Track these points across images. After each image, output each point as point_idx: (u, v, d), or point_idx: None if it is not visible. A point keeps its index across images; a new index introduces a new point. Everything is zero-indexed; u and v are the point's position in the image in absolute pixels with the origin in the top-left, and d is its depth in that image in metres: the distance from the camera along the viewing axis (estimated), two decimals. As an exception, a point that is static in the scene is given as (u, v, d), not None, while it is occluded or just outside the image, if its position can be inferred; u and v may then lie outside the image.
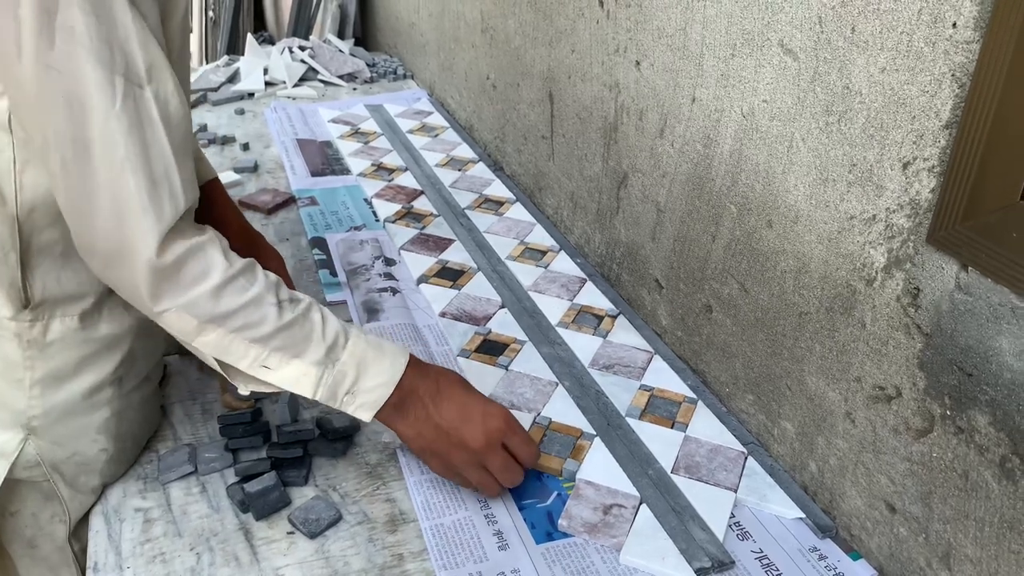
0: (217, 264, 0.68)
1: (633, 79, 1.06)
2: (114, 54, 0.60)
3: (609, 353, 1.05)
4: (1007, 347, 0.60)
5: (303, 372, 0.72)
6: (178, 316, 0.68)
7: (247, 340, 0.70)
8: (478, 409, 0.78)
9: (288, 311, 0.71)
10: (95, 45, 0.59)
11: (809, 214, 0.78)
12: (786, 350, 0.84)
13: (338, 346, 0.74)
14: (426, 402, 0.78)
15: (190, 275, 0.67)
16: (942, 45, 0.61)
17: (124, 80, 0.61)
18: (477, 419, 0.78)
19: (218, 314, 0.68)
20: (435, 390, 0.78)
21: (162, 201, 0.64)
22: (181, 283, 0.67)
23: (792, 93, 0.77)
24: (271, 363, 0.71)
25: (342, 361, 0.73)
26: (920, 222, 0.66)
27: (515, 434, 0.80)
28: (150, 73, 0.62)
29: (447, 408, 0.78)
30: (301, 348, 0.72)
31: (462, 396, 0.79)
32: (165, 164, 0.64)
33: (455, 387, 0.80)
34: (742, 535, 0.80)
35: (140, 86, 0.62)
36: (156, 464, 0.84)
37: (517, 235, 1.34)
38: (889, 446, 0.73)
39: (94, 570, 0.73)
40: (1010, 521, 0.62)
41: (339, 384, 0.74)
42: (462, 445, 0.78)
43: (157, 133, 0.63)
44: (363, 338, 0.76)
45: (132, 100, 0.62)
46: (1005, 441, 0.61)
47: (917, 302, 0.67)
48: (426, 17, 1.98)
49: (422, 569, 0.75)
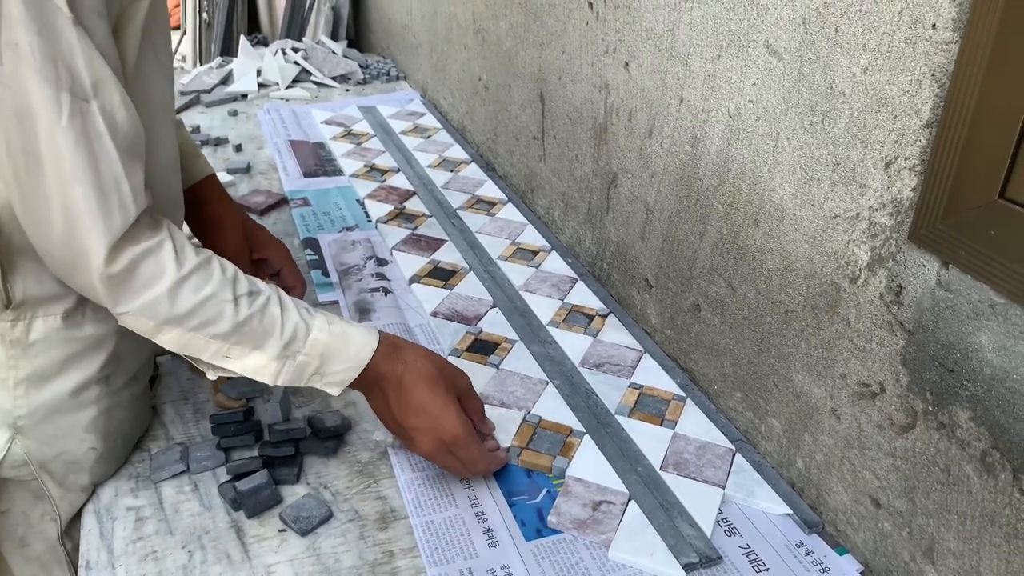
0: (168, 267, 0.69)
1: (622, 80, 1.07)
2: (59, 71, 0.61)
3: (599, 352, 1.06)
4: (987, 343, 0.61)
5: (263, 364, 0.73)
6: (135, 318, 0.69)
7: (206, 336, 0.71)
8: (431, 416, 0.78)
9: (245, 306, 0.72)
10: (39, 63, 0.60)
11: (794, 213, 0.79)
12: (773, 348, 0.85)
13: (298, 339, 0.74)
14: (387, 392, 0.79)
15: (141, 280, 0.68)
16: (922, 46, 0.62)
17: (70, 95, 0.62)
18: (427, 427, 0.78)
19: (173, 315, 0.69)
20: (397, 383, 0.78)
21: (111, 211, 0.65)
22: (134, 287, 0.68)
23: (777, 93, 0.78)
24: (232, 354, 0.73)
25: (303, 353, 0.74)
26: (902, 220, 0.67)
27: (464, 450, 0.80)
28: (96, 87, 0.63)
29: (404, 406, 0.79)
30: (260, 341, 0.73)
31: (422, 397, 0.78)
32: (114, 175, 0.65)
33: (418, 385, 0.79)
34: (730, 531, 0.81)
35: (86, 100, 0.63)
36: (148, 463, 0.84)
37: (509, 235, 1.35)
38: (874, 442, 0.74)
39: (86, 568, 0.74)
40: (991, 515, 0.63)
41: (302, 372, 0.75)
42: (412, 443, 0.80)
43: (104, 146, 0.64)
44: (327, 328, 0.75)
45: (79, 115, 0.63)
46: (985, 436, 0.62)
47: (900, 299, 0.68)
48: (419, 19, 1.99)
49: (412, 566, 0.75)
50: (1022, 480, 0.60)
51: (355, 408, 0.94)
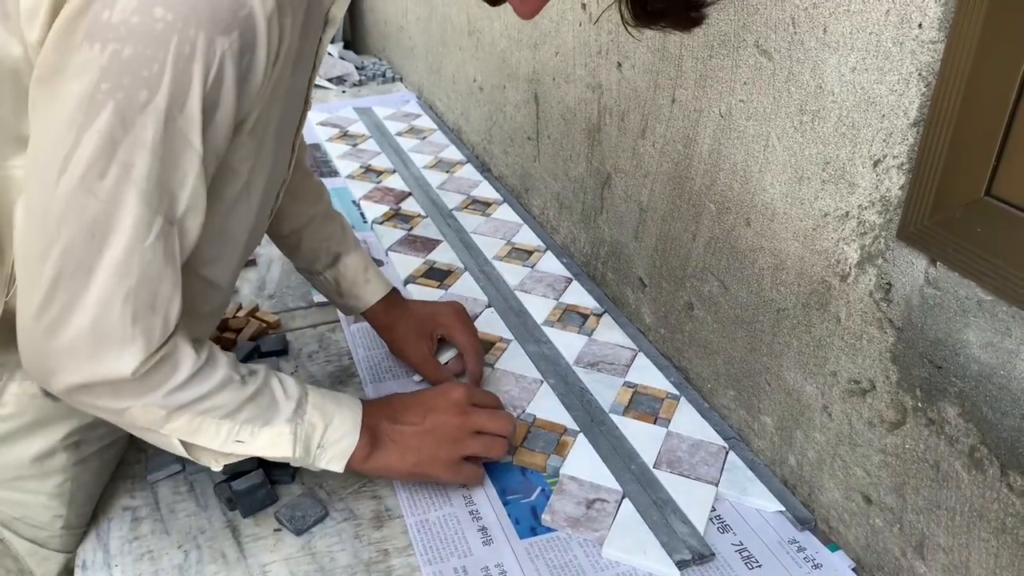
0: (186, 364, 0.66)
1: (615, 80, 1.07)
2: (163, 196, 0.59)
3: (594, 351, 1.06)
4: (974, 339, 0.61)
5: (278, 433, 0.71)
6: (144, 410, 0.66)
7: (217, 418, 0.68)
8: (432, 395, 0.82)
9: (251, 383, 0.70)
10: (150, 187, 0.58)
11: (785, 212, 0.79)
12: (765, 346, 0.86)
13: (303, 401, 0.73)
14: (393, 426, 0.78)
15: (157, 379, 0.65)
16: (909, 45, 0.62)
17: (163, 220, 0.60)
18: (440, 401, 0.81)
19: (188, 401, 0.67)
20: (392, 412, 0.79)
21: (155, 327, 0.63)
22: (145, 386, 0.64)
23: (768, 93, 0.79)
24: (244, 436, 0.70)
25: (308, 413, 0.73)
26: (891, 218, 0.67)
27: (476, 393, 0.85)
28: (185, 214, 0.61)
29: (411, 414, 0.80)
30: (270, 415, 0.71)
31: (414, 397, 0.82)
32: (170, 295, 0.63)
33: (404, 397, 0.82)
34: (723, 528, 0.82)
35: (171, 223, 0.61)
36: (144, 463, 0.85)
37: (504, 236, 1.35)
38: (864, 438, 0.74)
39: (82, 568, 0.74)
40: (979, 510, 0.63)
41: (311, 437, 0.73)
42: (438, 435, 0.80)
43: (174, 267, 0.63)
44: (319, 391, 0.76)
45: (163, 238, 0.61)
46: (974, 432, 0.63)
47: (889, 297, 0.69)
48: (414, 21, 1.99)
49: (407, 564, 0.76)
50: (1010, 475, 0.60)
51: (350, 408, 0.94)
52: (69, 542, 0.78)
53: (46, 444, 0.75)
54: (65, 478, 0.76)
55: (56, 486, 0.76)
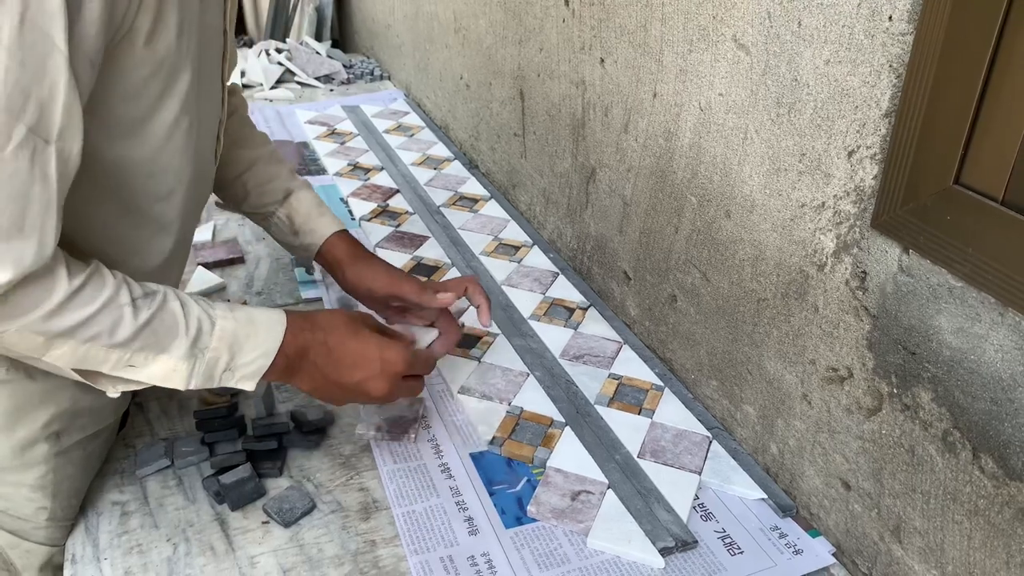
0: (60, 282, 0.62)
1: (598, 76, 1.08)
2: (27, 104, 0.55)
3: (580, 344, 1.07)
4: (945, 325, 0.63)
5: (172, 368, 0.68)
6: (19, 336, 0.61)
7: (105, 347, 0.64)
8: (375, 359, 0.77)
9: (144, 308, 0.66)
10: (8, 90, 0.54)
11: (764, 203, 0.81)
12: (746, 336, 0.87)
13: (203, 333, 0.69)
14: (319, 363, 0.75)
15: (28, 300, 0.61)
16: (880, 37, 0.64)
17: (27, 130, 0.56)
18: (376, 370, 0.77)
19: (65, 327, 0.62)
20: (326, 351, 0.76)
21: (25, 250, 0.59)
22: (18, 308, 0.60)
23: (745, 86, 0.80)
24: (136, 362, 0.66)
25: (212, 348, 0.69)
26: (865, 208, 0.68)
27: (416, 364, 0.81)
28: (62, 132, 0.58)
29: (343, 367, 0.76)
30: (165, 343, 0.67)
31: (356, 347, 0.77)
32: (44, 218, 0.59)
33: (346, 339, 0.77)
34: (705, 516, 0.83)
35: (46, 141, 0.58)
36: (133, 458, 0.86)
37: (491, 231, 1.36)
38: (843, 425, 0.76)
39: (72, 562, 0.75)
40: (953, 493, 0.65)
41: (213, 368, 0.69)
42: (368, 395, 0.78)
43: (48, 188, 0.59)
44: (231, 316, 0.70)
45: (29, 150, 0.57)
46: (946, 416, 0.64)
47: (864, 285, 0.70)
48: (401, 19, 2.00)
49: (394, 554, 0.77)
50: (981, 458, 0.61)
51: (338, 402, 0.95)
52: (55, 535, 0.78)
53: (26, 434, 0.74)
54: (47, 469, 0.76)
55: (38, 478, 0.76)
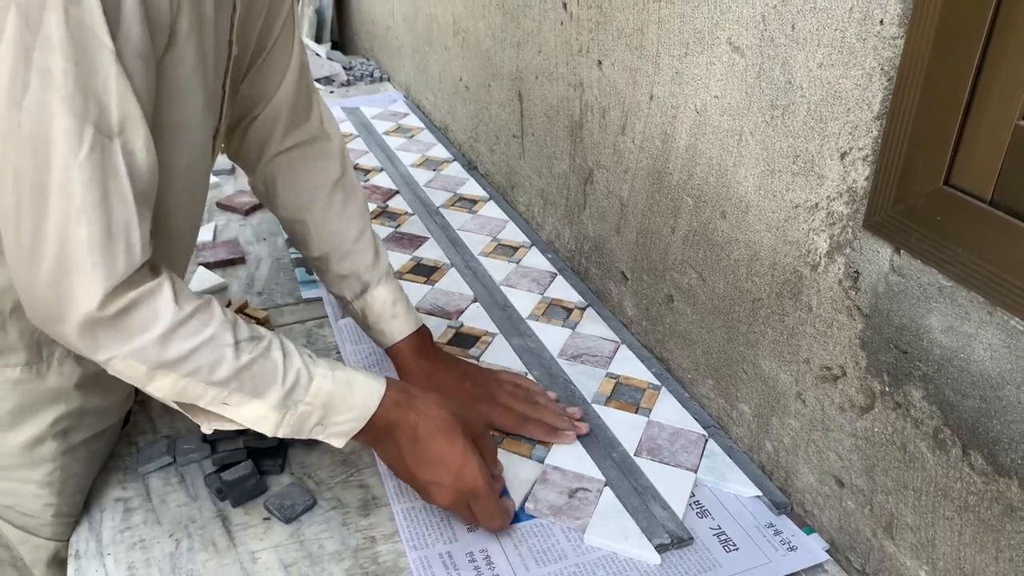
0: (166, 309, 0.64)
1: (596, 78, 1.09)
2: (88, 103, 0.57)
3: (577, 344, 1.08)
4: (936, 324, 0.64)
5: (262, 414, 0.69)
6: (126, 363, 0.64)
7: (203, 383, 0.66)
8: (453, 469, 0.74)
9: (246, 352, 0.67)
10: (70, 92, 0.56)
11: (758, 204, 0.82)
12: (741, 335, 0.88)
13: (300, 386, 0.70)
14: (401, 443, 0.75)
15: (137, 323, 0.63)
16: (871, 41, 0.65)
17: (94, 129, 0.58)
18: (449, 480, 0.74)
19: (168, 359, 0.64)
20: (412, 438, 0.75)
21: (116, 255, 0.61)
22: (125, 332, 0.62)
23: (740, 89, 0.81)
24: (231, 401, 0.68)
25: (305, 403, 0.70)
26: (857, 208, 0.70)
27: (483, 503, 0.76)
28: (122, 126, 0.59)
29: (420, 458, 0.75)
30: (261, 390, 0.68)
31: (440, 448, 0.75)
32: (126, 218, 0.61)
33: (434, 435, 0.75)
34: (701, 513, 0.84)
35: (109, 137, 0.59)
36: (136, 456, 0.87)
37: (490, 232, 1.37)
38: (836, 423, 0.77)
39: (75, 557, 0.76)
40: (944, 489, 0.66)
41: (304, 422, 0.71)
42: (428, 498, 0.76)
43: (121, 186, 0.60)
44: (331, 375, 0.71)
45: (99, 151, 0.58)
46: (937, 413, 0.65)
47: (857, 285, 0.71)
48: (400, 20, 2.01)
49: (393, 550, 0.78)
50: (971, 455, 0.62)
51: (338, 401, 0.96)
52: (60, 530, 0.80)
53: (34, 432, 0.75)
54: (55, 467, 0.77)
55: (46, 475, 0.77)
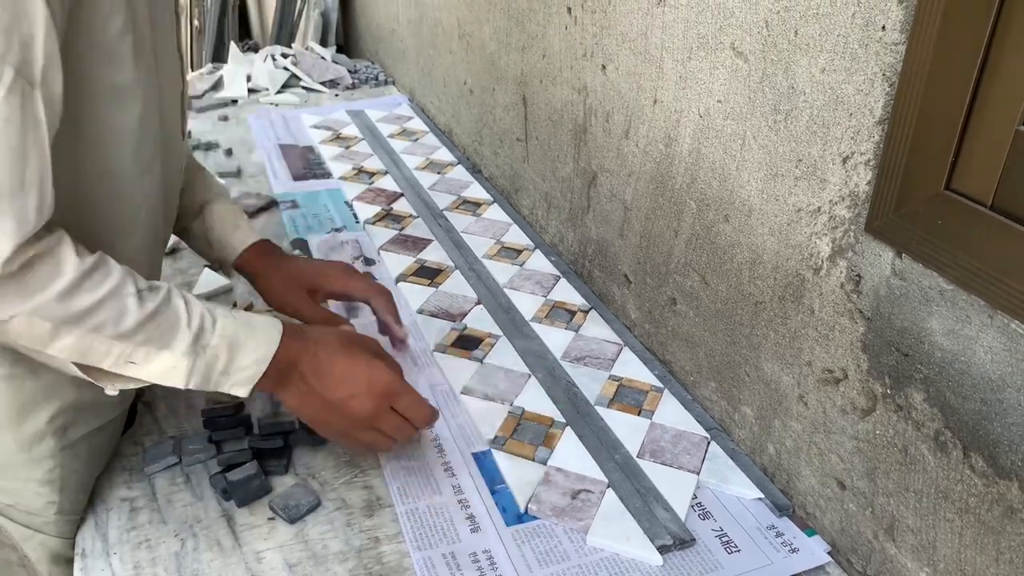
0: (69, 262, 0.62)
1: (600, 82, 1.10)
2: (11, 43, 0.55)
3: (580, 346, 1.09)
4: (937, 327, 0.64)
5: (172, 364, 0.68)
6: (28, 322, 0.61)
7: (109, 337, 0.64)
8: (363, 377, 0.77)
9: (149, 301, 0.67)
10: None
11: (761, 208, 0.82)
12: (744, 338, 0.88)
13: (206, 330, 0.69)
14: (307, 376, 0.76)
15: (39, 278, 0.61)
16: (873, 47, 0.65)
17: (15, 72, 0.56)
18: (363, 388, 0.77)
19: (73, 314, 0.62)
20: (315, 364, 0.76)
21: (27, 206, 0.59)
22: (29, 287, 0.60)
23: (743, 93, 0.82)
24: (137, 358, 0.66)
25: (212, 345, 0.69)
26: (859, 213, 0.70)
27: (404, 396, 0.80)
28: (44, 75, 0.58)
29: (330, 380, 0.77)
30: (168, 338, 0.67)
31: (344, 364, 0.77)
32: (41, 170, 0.59)
33: (336, 355, 0.77)
34: (703, 515, 0.84)
35: (32, 85, 0.57)
36: (141, 456, 0.87)
37: (494, 235, 1.38)
38: (838, 426, 0.77)
39: (82, 556, 0.76)
40: (944, 491, 0.66)
41: (211, 368, 0.70)
42: (350, 415, 0.78)
43: (40, 135, 0.58)
44: (231, 317, 0.72)
45: (19, 95, 0.56)
46: (938, 416, 0.65)
47: (859, 288, 0.72)
48: (405, 24, 2.02)
49: (397, 551, 0.78)
50: (972, 457, 0.63)
51: (342, 402, 0.97)
52: (64, 528, 0.80)
53: (32, 429, 0.75)
54: (55, 464, 0.77)
55: (47, 472, 0.77)
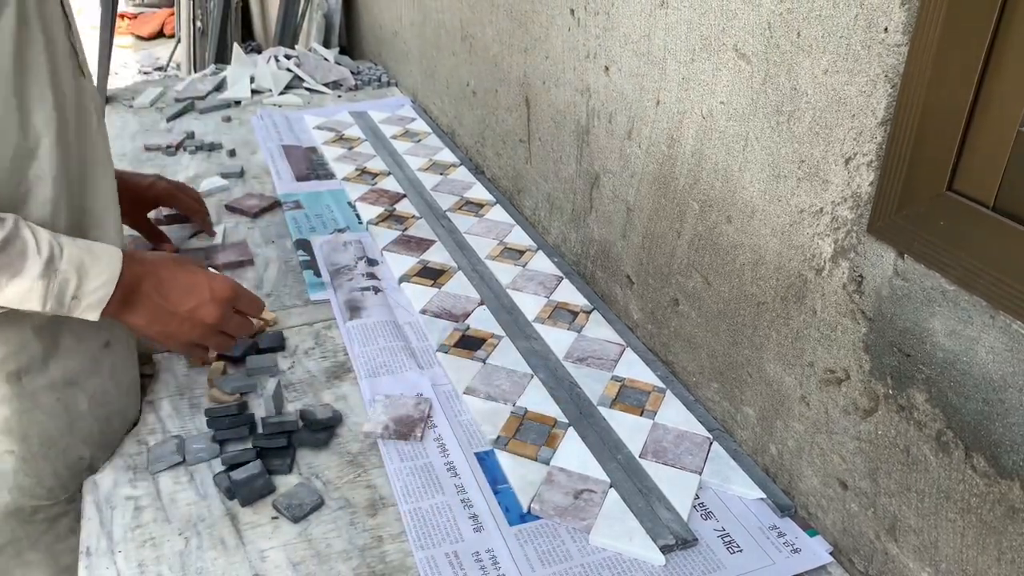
0: None
1: (603, 84, 1.10)
2: None
3: (583, 347, 1.09)
4: (939, 328, 0.64)
5: (28, 288, 0.71)
6: None
7: None
8: (205, 287, 0.85)
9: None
10: None
11: (764, 209, 0.82)
12: (746, 339, 0.89)
13: (55, 257, 0.73)
14: (153, 295, 0.81)
15: None
16: (876, 48, 0.65)
17: None
18: (207, 296, 0.85)
19: None
20: (158, 282, 0.82)
21: None
22: None
23: (746, 95, 0.82)
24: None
25: (63, 270, 0.73)
26: (862, 213, 0.70)
27: (243, 296, 0.89)
28: None
29: (176, 295, 0.83)
30: (19, 266, 0.71)
31: (186, 278, 0.84)
32: None
33: (177, 272, 0.84)
34: (705, 515, 0.84)
35: None
36: (146, 455, 0.88)
37: (496, 236, 1.38)
38: (840, 426, 0.77)
39: (87, 554, 0.77)
40: (946, 491, 0.66)
41: (64, 292, 0.74)
42: (200, 323, 0.85)
43: None
44: (75, 244, 0.75)
45: None
46: (940, 416, 0.66)
47: (861, 289, 0.72)
48: (408, 26, 2.02)
49: (400, 550, 0.78)
50: (973, 457, 0.63)
51: (346, 402, 0.97)
52: (24, 482, 0.81)
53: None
54: (11, 411, 0.79)
55: (3, 420, 0.79)
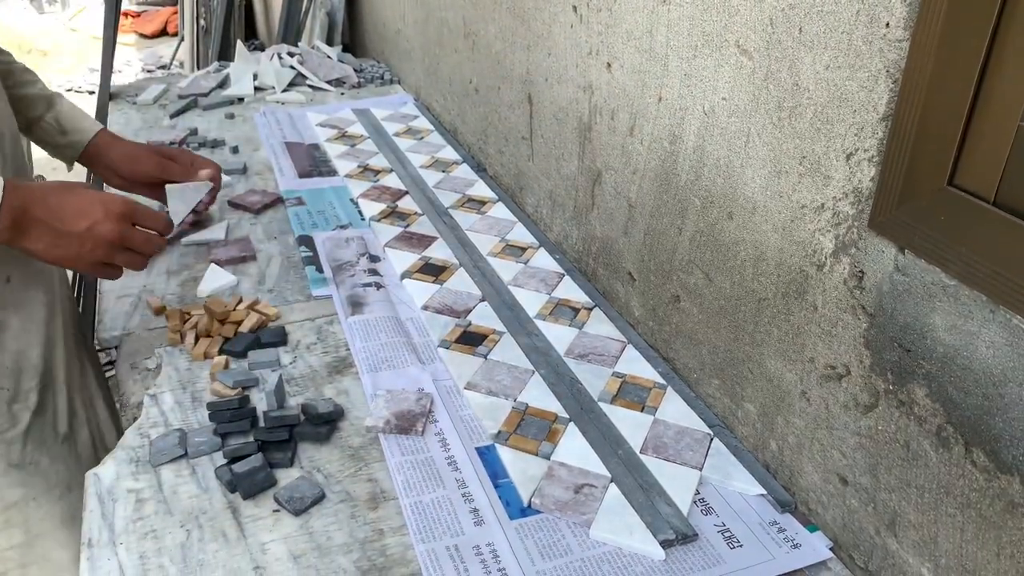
0: None
1: (605, 80, 1.10)
2: None
3: (584, 343, 1.09)
4: (940, 323, 0.64)
5: None
6: None
7: None
8: (98, 204, 0.85)
9: None
10: None
11: (765, 205, 0.83)
12: (747, 335, 0.89)
13: None
14: (46, 220, 0.81)
15: None
16: (877, 44, 0.66)
17: None
18: (101, 214, 0.85)
19: None
20: (47, 207, 0.82)
21: None
22: None
23: (748, 91, 0.82)
24: None
25: None
26: (863, 209, 0.70)
27: (140, 211, 0.90)
28: None
29: (69, 215, 0.83)
30: None
31: (76, 199, 0.84)
32: None
33: (65, 195, 0.84)
34: (706, 510, 0.84)
35: None
36: (148, 448, 0.88)
37: (498, 233, 1.38)
38: (840, 422, 0.77)
39: (88, 545, 0.77)
40: (946, 486, 0.66)
41: None
42: (100, 241, 0.85)
43: None
44: None
45: None
46: (940, 411, 0.66)
47: (862, 284, 0.72)
48: (411, 24, 2.02)
49: (401, 543, 0.79)
50: (973, 453, 0.63)
51: (347, 396, 0.98)
52: None
53: None
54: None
55: None
